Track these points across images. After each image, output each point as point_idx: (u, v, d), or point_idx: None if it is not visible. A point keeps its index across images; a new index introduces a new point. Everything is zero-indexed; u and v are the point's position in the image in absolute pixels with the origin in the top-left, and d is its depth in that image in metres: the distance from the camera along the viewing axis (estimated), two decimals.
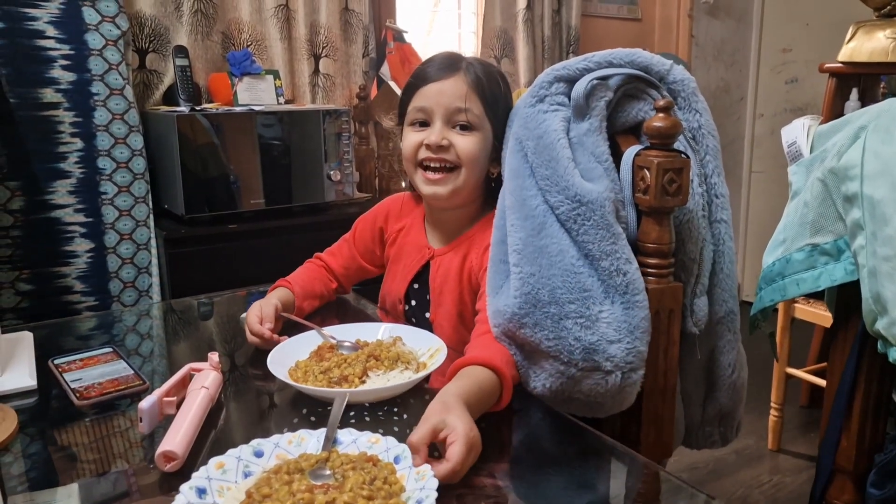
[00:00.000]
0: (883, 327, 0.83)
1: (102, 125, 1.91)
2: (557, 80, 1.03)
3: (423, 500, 0.67)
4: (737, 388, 1.08)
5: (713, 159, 1.01)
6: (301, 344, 1.05)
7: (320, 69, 2.48)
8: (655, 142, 0.93)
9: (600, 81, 0.99)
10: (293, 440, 0.79)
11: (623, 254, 0.93)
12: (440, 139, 1.11)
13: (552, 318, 0.93)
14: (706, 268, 1.01)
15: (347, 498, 0.66)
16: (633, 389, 0.95)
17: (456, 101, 1.11)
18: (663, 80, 1.02)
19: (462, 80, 1.11)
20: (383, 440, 0.79)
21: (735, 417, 1.12)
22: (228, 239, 2.03)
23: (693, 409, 1.10)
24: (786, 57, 3.49)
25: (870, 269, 0.84)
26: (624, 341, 0.91)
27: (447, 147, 1.12)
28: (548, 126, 0.99)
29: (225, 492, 0.71)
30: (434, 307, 1.21)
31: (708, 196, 1.02)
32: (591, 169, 0.97)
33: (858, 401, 0.99)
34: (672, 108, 0.92)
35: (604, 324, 0.92)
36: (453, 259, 1.18)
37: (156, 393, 0.87)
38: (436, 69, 1.14)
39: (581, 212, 0.94)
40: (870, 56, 2.07)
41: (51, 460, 0.84)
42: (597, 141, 0.99)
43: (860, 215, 0.85)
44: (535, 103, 1.03)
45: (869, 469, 1.02)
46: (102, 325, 1.39)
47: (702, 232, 0.99)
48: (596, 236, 0.93)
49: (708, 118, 1.02)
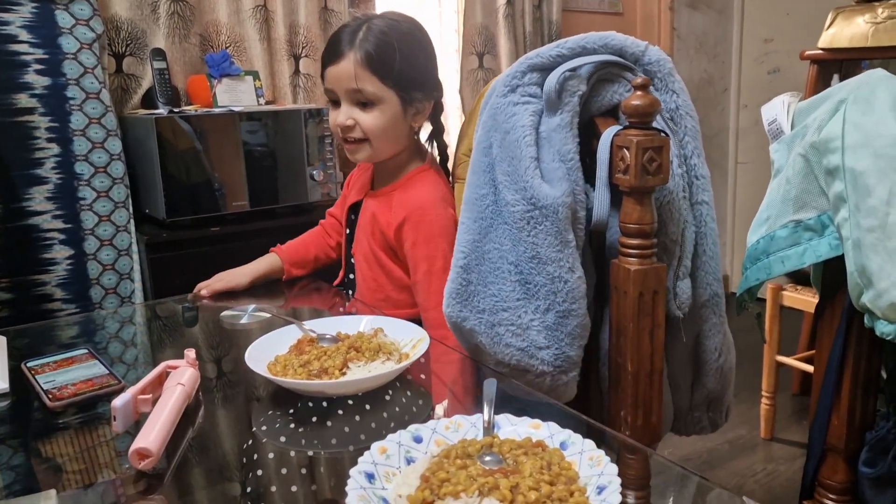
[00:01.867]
0: (869, 300, 0.82)
1: (79, 129, 1.88)
2: (531, 70, 1.01)
3: (606, 486, 0.66)
4: (724, 372, 1.07)
5: (692, 140, 1.00)
6: (280, 338, 1.03)
7: (301, 69, 2.46)
8: (634, 120, 0.92)
9: (572, 73, 0.98)
10: (450, 426, 0.78)
11: (567, 262, 0.95)
12: (345, 120, 1.23)
13: (486, 325, 0.99)
14: (688, 250, 1.00)
15: (531, 483, 0.64)
16: (566, 388, 0.99)
17: (350, 83, 1.20)
18: (638, 61, 1.01)
19: (352, 60, 1.19)
20: (545, 425, 0.77)
21: (723, 402, 1.11)
22: (212, 242, 2.01)
23: (681, 395, 1.09)
24: (768, 47, 3.50)
25: (854, 241, 0.83)
26: (553, 347, 0.96)
27: (352, 126, 1.23)
28: (516, 121, 0.98)
29: (391, 477, 0.70)
30: (356, 243, 1.37)
31: (688, 177, 1.01)
32: (553, 169, 0.97)
33: (847, 378, 0.98)
34: (649, 86, 0.91)
35: (534, 331, 0.96)
36: (372, 206, 1.32)
37: (130, 391, 0.85)
38: (332, 50, 1.23)
39: (534, 215, 0.94)
40: (850, 41, 2.08)
41: (26, 464, 0.82)
42: (565, 138, 0.97)
43: (842, 188, 0.84)
44: (507, 93, 1.01)
45: (860, 447, 1.00)
46: (80, 327, 1.36)
47: (683, 213, 0.98)
48: (545, 241, 0.94)
49: (685, 98, 1.01)
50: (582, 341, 0.98)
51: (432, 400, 0.97)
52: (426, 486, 0.65)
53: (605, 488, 0.65)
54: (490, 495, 0.63)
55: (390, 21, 1.24)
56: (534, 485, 0.64)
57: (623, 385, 0.97)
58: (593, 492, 0.66)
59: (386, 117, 1.22)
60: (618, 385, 0.99)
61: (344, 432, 0.84)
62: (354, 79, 1.19)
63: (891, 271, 0.79)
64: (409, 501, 0.65)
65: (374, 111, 1.22)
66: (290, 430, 0.86)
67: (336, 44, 1.22)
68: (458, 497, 0.63)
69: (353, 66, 1.19)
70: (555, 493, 0.64)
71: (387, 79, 1.20)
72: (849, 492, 1.03)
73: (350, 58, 1.19)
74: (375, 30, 1.21)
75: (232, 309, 1.29)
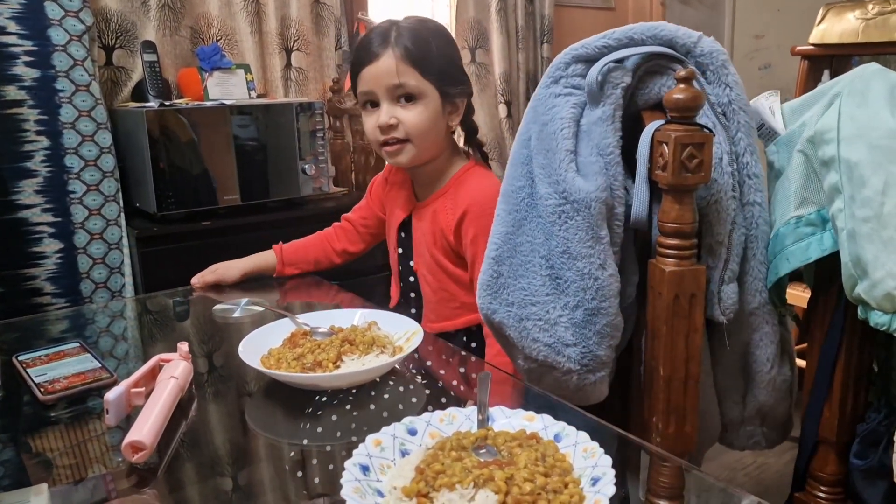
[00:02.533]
0: (864, 290, 0.82)
1: (69, 122, 1.86)
2: (576, 61, 0.97)
3: (601, 477, 0.66)
4: (777, 385, 1.01)
5: (745, 137, 0.94)
6: (274, 331, 1.02)
7: (292, 63, 2.45)
8: (675, 115, 0.86)
9: (616, 65, 0.93)
10: (444, 418, 0.78)
11: (599, 259, 0.91)
12: (388, 119, 1.20)
13: (514, 318, 0.97)
14: (735, 252, 0.94)
15: (526, 474, 0.64)
16: (594, 388, 0.96)
17: (391, 79, 1.18)
18: (690, 53, 0.95)
19: (392, 55, 1.18)
20: (539, 418, 0.77)
21: (779, 417, 1.05)
22: (203, 236, 2.00)
23: (730, 406, 1.04)
24: (759, 43, 3.51)
25: (849, 231, 0.83)
26: (580, 345, 0.93)
27: (395, 125, 1.20)
28: (555, 113, 0.95)
29: (386, 469, 0.70)
30: (416, 257, 1.32)
31: (739, 176, 0.94)
32: (590, 163, 0.93)
33: (840, 371, 0.98)
34: (693, 79, 0.86)
35: (562, 327, 0.94)
36: (426, 214, 1.29)
37: (123, 384, 0.84)
38: (366, 52, 1.20)
39: (566, 209, 0.91)
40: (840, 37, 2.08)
41: (17, 458, 0.81)
42: (605, 131, 0.93)
43: (837, 179, 0.84)
44: (550, 84, 0.98)
45: (852, 440, 1.01)
46: (71, 321, 1.35)
47: (731, 214, 0.92)
48: (576, 236, 0.91)
49: (740, 92, 0.94)
50: (612, 341, 0.94)
51: (426, 393, 0.97)
52: (421, 478, 0.65)
53: (599, 480, 0.66)
54: (485, 487, 0.63)
55: (418, 20, 1.24)
56: (528, 476, 0.64)
57: (655, 390, 0.93)
58: (587, 483, 0.66)
59: (428, 113, 1.21)
60: (650, 390, 0.95)
61: (338, 425, 0.84)
62: (396, 73, 1.18)
63: (885, 261, 0.79)
64: (404, 493, 0.65)
65: (417, 107, 1.20)
66: (283, 423, 0.86)
67: (369, 45, 1.20)
68: (453, 489, 0.63)
69: (394, 62, 1.18)
70: (549, 484, 0.64)
71: (427, 73, 1.19)
72: (840, 483, 1.03)
73: (389, 54, 1.18)
74: (407, 28, 1.20)
75: (224, 303, 1.29)
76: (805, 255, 0.92)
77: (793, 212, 0.94)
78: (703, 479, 0.77)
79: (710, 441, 1.07)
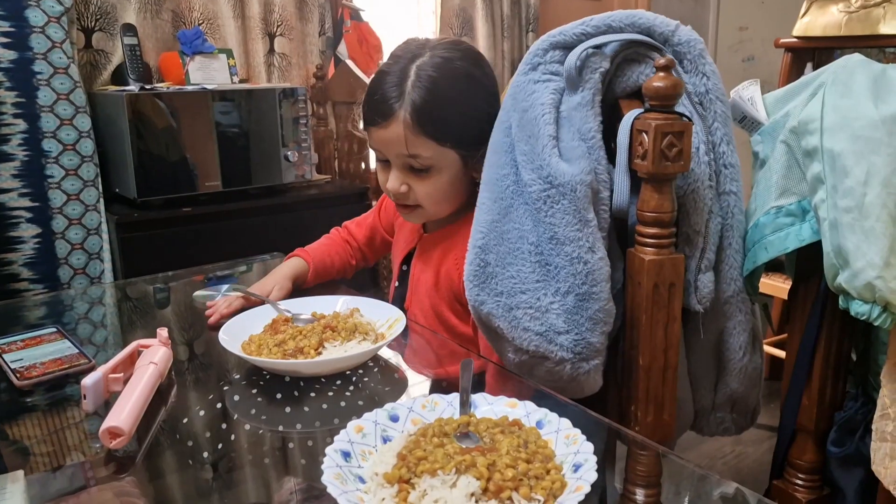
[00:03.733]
0: (845, 280, 0.83)
1: (47, 106, 1.83)
2: (553, 48, 0.96)
3: (582, 464, 0.65)
4: (748, 373, 1.02)
5: (722, 126, 0.94)
6: (255, 318, 1.01)
7: (275, 48, 2.42)
8: (655, 103, 0.86)
9: (595, 50, 0.93)
10: (426, 404, 0.78)
11: (587, 242, 0.89)
12: (398, 186, 1.06)
13: (503, 308, 0.94)
14: (712, 241, 0.94)
15: (508, 460, 0.64)
16: (588, 378, 0.93)
17: (401, 149, 1.03)
18: (668, 41, 0.95)
19: (401, 123, 1.01)
20: (521, 404, 0.77)
21: (749, 404, 1.06)
22: (183, 223, 1.98)
23: (702, 393, 1.05)
24: (743, 35, 3.52)
25: (831, 221, 0.83)
26: (572, 332, 0.91)
27: (406, 193, 1.07)
28: (535, 99, 0.94)
29: (367, 456, 0.69)
30: (410, 294, 1.16)
31: (716, 165, 0.94)
32: (573, 147, 0.92)
33: (819, 360, 0.99)
34: (673, 68, 0.86)
35: (553, 315, 0.91)
36: (434, 251, 1.14)
37: (100, 369, 0.83)
38: (374, 111, 1.04)
39: (551, 194, 0.90)
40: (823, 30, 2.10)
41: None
42: (586, 116, 0.92)
43: (820, 169, 0.85)
44: (528, 71, 0.97)
45: (829, 428, 1.02)
46: (48, 308, 1.33)
47: (708, 203, 0.93)
48: (563, 220, 0.89)
49: (717, 82, 0.94)
50: (605, 327, 0.92)
51: (408, 380, 0.96)
52: (403, 465, 0.65)
53: (581, 466, 0.66)
54: (467, 473, 0.63)
55: (442, 59, 1.03)
56: (511, 463, 0.64)
57: (634, 379, 0.93)
58: (569, 470, 0.66)
59: (444, 180, 1.06)
60: (629, 379, 0.95)
61: (319, 412, 0.83)
62: (406, 145, 1.02)
63: (867, 251, 0.80)
64: (385, 479, 0.64)
65: (432, 177, 1.05)
66: (263, 409, 0.85)
67: (379, 101, 1.03)
68: (434, 475, 0.63)
69: (403, 130, 1.01)
70: (531, 470, 0.64)
71: (445, 140, 1.02)
72: (817, 471, 1.05)
73: (398, 118, 1.01)
74: (425, 78, 1.01)
75: (205, 288, 1.27)
76: (783, 245, 0.93)
77: (773, 202, 0.95)
78: (683, 466, 0.77)
79: (682, 428, 1.07)
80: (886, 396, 0.90)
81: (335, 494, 0.61)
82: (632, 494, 0.72)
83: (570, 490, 0.63)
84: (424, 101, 1.00)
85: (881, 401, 0.91)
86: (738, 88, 1.04)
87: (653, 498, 0.73)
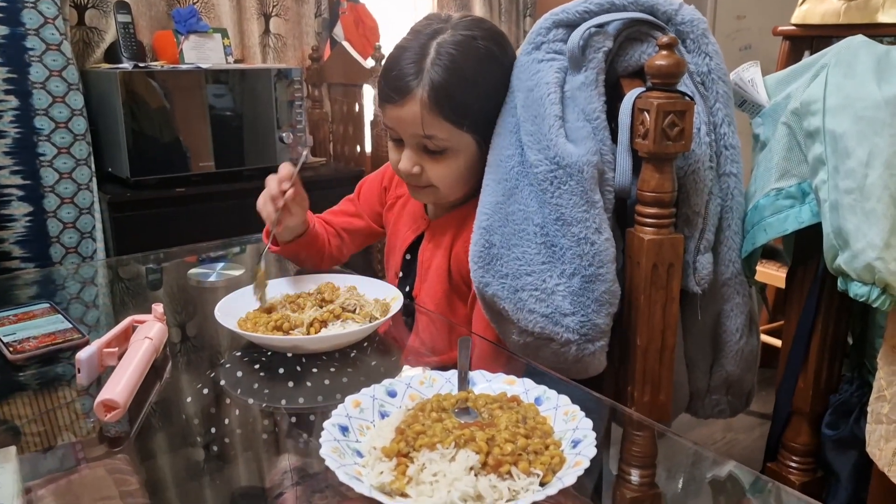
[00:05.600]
0: (844, 261, 0.83)
1: (39, 82, 1.81)
2: (556, 26, 0.95)
3: (581, 440, 0.65)
4: (745, 355, 1.01)
5: (723, 107, 0.93)
6: (251, 295, 1.00)
7: (271, 29, 2.40)
8: (657, 82, 0.85)
9: (598, 29, 0.92)
10: (424, 381, 0.77)
11: (594, 223, 0.89)
12: (411, 167, 1.02)
13: (509, 290, 0.93)
14: (712, 223, 0.93)
15: (507, 435, 0.64)
16: (593, 359, 0.93)
17: (416, 129, 0.98)
18: (671, 20, 0.94)
19: (418, 102, 0.96)
20: (519, 381, 0.77)
21: (744, 387, 1.05)
22: (177, 203, 1.97)
23: (698, 375, 1.04)
24: (740, 24, 3.51)
25: (831, 203, 0.83)
26: (578, 314, 0.90)
27: (419, 174, 1.02)
28: (540, 78, 0.93)
29: (365, 431, 0.69)
30: (419, 282, 1.13)
31: (717, 146, 0.93)
32: (578, 128, 0.91)
33: (816, 342, 0.99)
34: (676, 46, 0.85)
35: (559, 296, 0.90)
36: (445, 234, 1.10)
37: (95, 344, 0.82)
38: (391, 88, 0.99)
39: (558, 174, 0.89)
40: (822, 18, 2.09)
41: None
42: (590, 96, 0.91)
43: (822, 150, 0.84)
44: (532, 51, 0.96)
45: (824, 410, 1.02)
46: (40, 286, 1.32)
47: (708, 184, 0.91)
48: (570, 201, 0.89)
49: (719, 62, 0.93)
50: (610, 308, 0.91)
51: (406, 357, 0.96)
52: (401, 438, 0.65)
53: (580, 442, 0.65)
54: (466, 447, 0.63)
55: (464, 37, 0.98)
56: (509, 437, 0.64)
57: (632, 360, 0.93)
58: (568, 445, 0.66)
59: (460, 164, 1.02)
60: (627, 359, 0.94)
61: (316, 389, 0.83)
62: (421, 125, 0.97)
63: (867, 232, 0.80)
64: (384, 453, 0.64)
65: (447, 159, 1.01)
66: (260, 386, 0.85)
67: (397, 77, 0.98)
68: (433, 449, 0.63)
69: (420, 110, 0.96)
70: (530, 445, 0.64)
71: (462, 123, 0.98)
72: (812, 454, 1.05)
73: (415, 98, 0.96)
74: (445, 56, 0.96)
75: (199, 265, 1.26)
76: (782, 227, 0.93)
77: (773, 184, 0.95)
78: (678, 447, 0.77)
79: (677, 410, 1.08)
80: (882, 379, 0.90)
81: (333, 468, 0.60)
82: (627, 475, 0.72)
83: (569, 465, 0.62)
84: (444, 81, 0.96)
85: (877, 383, 0.91)
86: (739, 70, 1.04)
87: (648, 478, 0.72)
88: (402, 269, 1.17)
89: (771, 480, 0.69)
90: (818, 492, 1.06)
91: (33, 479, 0.66)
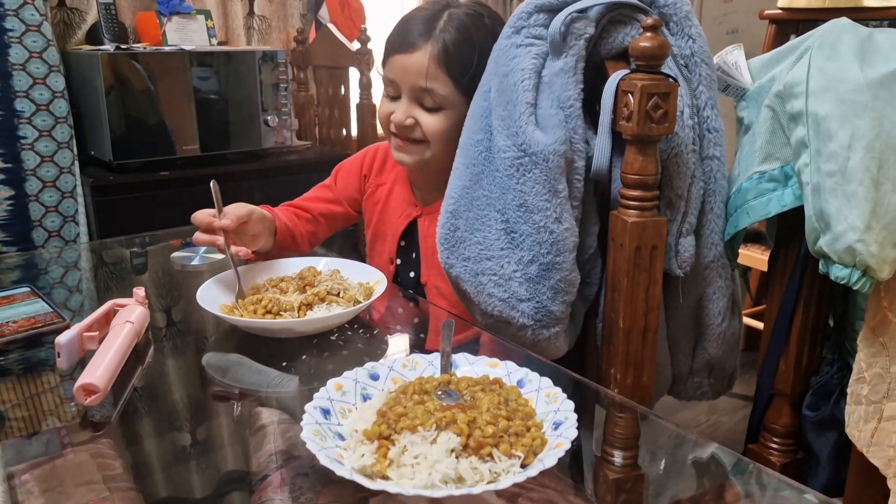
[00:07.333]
0: (826, 244, 0.83)
1: (19, 63, 1.78)
2: (538, 11, 0.95)
3: (562, 422, 0.65)
4: (727, 338, 1.02)
5: (707, 90, 0.93)
6: (233, 279, 1.00)
7: (255, 10, 2.38)
8: (641, 63, 0.85)
9: (580, 15, 0.91)
10: (407, 364, 0.78)
11: (555, 212, 0.90)
12: (404, 118, 1.06)
13: (470, 273, 0.95)
14: (694, 206, 0.94)
15: (489, 417, 0.64)
16: (549, 344, 0.95)
17: (419, 80, 1.04)
18: (653, 3, 0.94)
19: (427, 54, 1.02)
20: (502, 364, 0.77)
21: (726, 369, 1.07)
22: (160, 187, 1.95)
23: (681, 358, 1.05)
24: (727, 7, 3.51)
25: (813, 185, 0.83)
26: (533, 300, 0.92)
27: (412, 126, 1.07)
28: (516, 64, 0.93)
29: (347, 414, 0.69)
30: (426, 268, 1.14)
31: (700, 129, 0.93)
32: (550, 115, 0.91)
33: (797, 324, 1.00)
34: (660, 28, 0.84)
35: (516, 282, 0.93)
36: None
37: (75, 327, 0.82)
38: (402, 38, 1.05)
39: (524, 162, 0.90)
40: (808, 2, 2.09)
41: None
42: (566, 83, 0.91)
43: (805, 133, 0.85)
44: (511, 35, 0.96)
45: (805, 392, 1.03)
46: (22, 270, 1.31)
47: (690, 167, 0.92)
48: (533, 189, 0.90)
49: (703, 45, 0.93)
50: (567, 297, 0.93)
51: (389, 340, 0.96)
52: (383, 421, 0.65)
53: (561, 424, 0.66)
54: (447, 429, 0.63)
55: (473, 12, 1.07)
56: (491, 420, 0.64)
57: (615, 342, 0.93)
58: (549, 427, 0.66)
59: (451, 122, 1.06)
60: (609, 341, 0.95)
61: (298, 373, 0.83)
62: (426, 76, 1.03)
63: (848, 214, 0.80)
64: (365, 436, 0.64)
65: (440, 115, 1.06)
66: (243, 370, 0.85)
67: (409, 31, 1.05)
68: (415, 431, 0.63)
69: (427, 61, 1.03)
70: (512, 427, 0.64)
71: (459, 82, 1.04)
72: (792, 435, 1.06)
73: (425, 51, 1.03)
74: (457, 21, 1.04)
75: (182, 249, 1.26)
76: (765, 210, 0.93)
77: (756, 167, 0.95)
78: (660, 429, 0.78)
79: (660, 392, 1.08)
80: (862, 360, 0.91)
81: (314, 451, 0.60)
82: (609, 457, 0.73)
83: (551, 447, 0.63)
84: (454, 40, 1.03)
85: (857, 365, 0.92)
86: (723, 53, 1.03)
87: (630, 460, 0.73)
88: (399, 255, 1.19)
89: (752, 462, 0.70)
90: (799, 472, 1.07)
91: (16, 465, 0.66)
